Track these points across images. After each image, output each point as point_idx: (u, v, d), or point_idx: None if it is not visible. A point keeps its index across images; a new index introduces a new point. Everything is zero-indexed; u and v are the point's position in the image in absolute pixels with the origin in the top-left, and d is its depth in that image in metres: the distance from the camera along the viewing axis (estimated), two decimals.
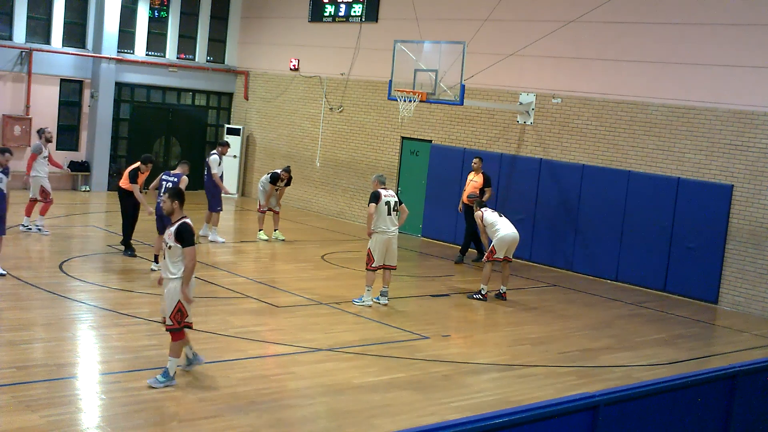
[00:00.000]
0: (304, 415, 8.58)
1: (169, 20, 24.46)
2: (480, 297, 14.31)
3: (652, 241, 16.49)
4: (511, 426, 5.22)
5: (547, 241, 18.07)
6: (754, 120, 15.35)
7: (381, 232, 13.16)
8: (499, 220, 14.40)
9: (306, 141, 23.42)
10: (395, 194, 13.51)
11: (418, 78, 17.21)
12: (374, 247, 13.15)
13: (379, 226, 13.13)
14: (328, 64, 22.72)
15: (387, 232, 13.19)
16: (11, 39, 21.76)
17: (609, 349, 12.14)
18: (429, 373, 10.23)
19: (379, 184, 13.41)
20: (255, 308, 12.58)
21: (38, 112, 22.08)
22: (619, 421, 6.14)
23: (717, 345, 13.26)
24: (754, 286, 15.34)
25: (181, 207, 9.05)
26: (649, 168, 16.65)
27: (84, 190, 22.79)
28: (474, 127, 19.49)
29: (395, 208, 13.29)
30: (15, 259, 14.33)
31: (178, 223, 8.94)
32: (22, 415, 7.79)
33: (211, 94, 25.57)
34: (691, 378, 6.95)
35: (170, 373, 8.89)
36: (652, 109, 16.66)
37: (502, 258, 14.29)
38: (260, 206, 18.11)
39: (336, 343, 11.13)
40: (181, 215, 9.03)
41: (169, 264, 8.94)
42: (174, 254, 8.88)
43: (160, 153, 24.67)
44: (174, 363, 8.92)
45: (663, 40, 16.59)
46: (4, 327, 10.48)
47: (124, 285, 12.92)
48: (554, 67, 18.08)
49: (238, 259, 16.58)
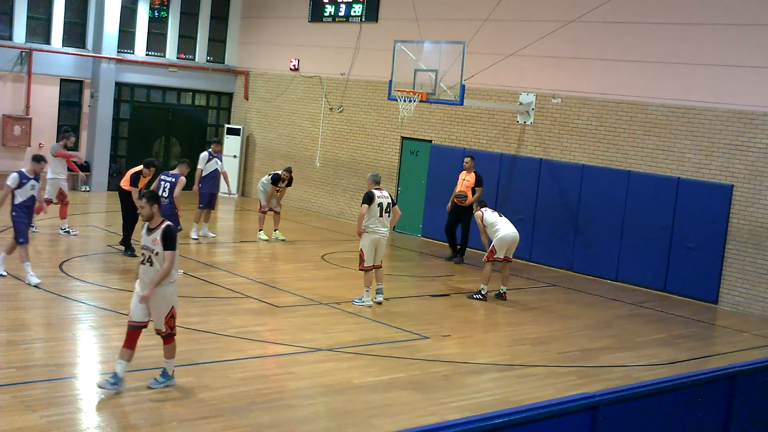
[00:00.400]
0: (304, 415, 8.58)
1: (169, 20, 24.46)
2: (480, 297, 14.31)
3: (652, 241, 16.49)
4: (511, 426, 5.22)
5: (547, 241, 18.07)
6: (754, 120, 15.35)
7: (371, 232, 13.16)
8: (499, 220, 14.40)
9: (306, 141, 23.42)
10: (389, 195, 13.50)
11: (418, 78, 17.22)
12: (365, 247, 13.15)
13: (370, 227, 13.13)
14: (328, 64, 22.73)
15: (377, 233, 13.18)
16: (11, 39, 21.76)
17: (609, 349, 12.14)
18: (429, 373, 10.23)
19: (374, 183, 13.40)
20: (255, 308, 12.58)
21: (38, 112, 22.09)
22: (619, 421, 6.14)
23: (717, 345, 13.26)
24: (754, 286, 15.34)
25: (159, 211, 8.79)
26: (649, 168, 16.65)
27: (84, 190, 22.78)
28: (474, 127, 19.49)
29: (387, 209, 13.28)
30: (15, 260, 14.33)
31: (163, 228, 8.64)
32: (22, 415, 7.79)
33: (211, 94, 25.57)
34: (691, 378, 6.95)
35: (169, 372, 8.86)
36: (652, 109, 16.66)
37: (503, 258, 14.29)
38: (261, 206, 18.12)
39: (336, 343, 11.13)
40: (161, 219, 8.76)
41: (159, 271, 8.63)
42: (161, 260, 8.59)
43: (160, 153, 24.68)
44: (172, 363, 8.89)
45: (663, 40, 16.59)
46: (4, 327, 10.48)
47: (124, 285, 12.91)
48: (554, 67, 18.08)
49: (238, 259, 16.58)
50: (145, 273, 8.69)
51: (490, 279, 14.34)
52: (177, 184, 14.07)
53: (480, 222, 14.51)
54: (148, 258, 8.64)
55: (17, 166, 21.98)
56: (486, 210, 14.61)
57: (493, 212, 14.60)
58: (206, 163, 17.47)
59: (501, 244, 14.19)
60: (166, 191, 14.03)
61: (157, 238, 8.59)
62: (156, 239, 8.59)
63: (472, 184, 17.20)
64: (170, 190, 14.01)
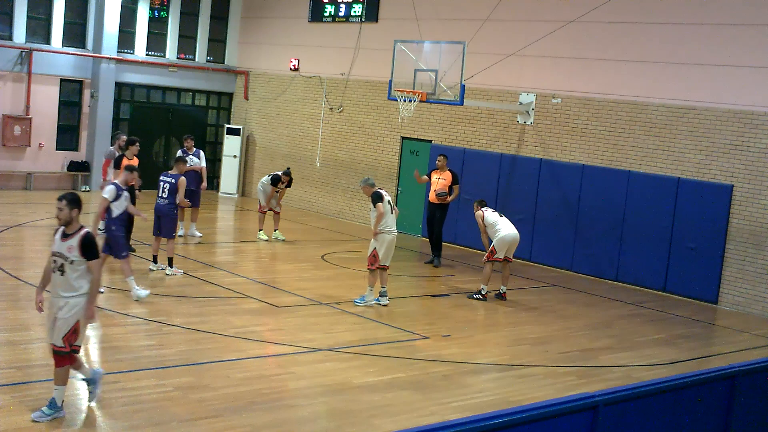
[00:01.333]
0: (304, 415, 8.58)
1: (169, 20, 24.46)
2: (480, 297, 14.31)
3: (652, 241, 16.49)
4: (511, 426, 5.22)
5: (547, 241, 18.07)
6: (754, 120, 15.35)
7: (387, 232, 13.20)
8: (500, 220, 14.39)
9: (306, 141, 23.42)
10: None
11: (418, 78, 17.22)
12: (380, 247, 13.16)
13: (385, 226, 13.17)
14: (328, 64, 22.73)
15: (392, 232, 13.25)
16: (11, 39, 21.77)
17: (609, 349, 12.14)
18: (429, 373, 10.23)
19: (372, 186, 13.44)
20: (255, 308, 12.58)
21: (38, 112, 22.09)
22: (619, 421, 6.14)
23: (717, 345, 13.26)
24: (754, 286, 15.34)
25: (78, 216, 7.96)
26: (649, 168, 16.65)
27: (84, 190, 22.78)
28: (474, 127, 19.49)
29: (393, 206, 13.39)
30: (15, 259, 14.34)
31: (81, 235, 7.81)
32: (22, 415, 7.79)
33: (211, 94, 25.57)
34: (691, 378, 6.95)
35: (58, 402, 7.82)
36: (652, 109, 16.66)
37: (503, 258, 14.29)
38: (261, 207, 18.12)
39: (336, 343, 11.13)
40: (79, 225, 7.94)
41: (71, 280, 7.78)
42: (75, 269, 7.79)
43: (160, 153, 24.69)
44: (62, 392, 7.84)
45: (663, 40, 16.59)
46: (4, 327, 10.48)
47: (123, 285, 12.90)
48: (554, 67, 18.08)
49: (238, 259, 16.58)
50: (54, 283, 7.88)
51: (490, 279, 14.34)
52: (179, 185, 14.02)
53: (480, 222, 14.50)
54: (60, 266, 7.80)
55: (17, 166, 22.04)
56: (486, 210, 14.60)
57: (493, 212, 14.59)
58: None
59: (501, 244, 14.19)
60: (165, 192, 14.01)
61: (73, 245, 7.78)
62: (72, 246, 7.78)
63: (449, 182, 17.08)
64: (170, 190, 13.99)
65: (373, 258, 13.18)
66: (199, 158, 17.47)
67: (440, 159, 17.27)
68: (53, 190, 22.13)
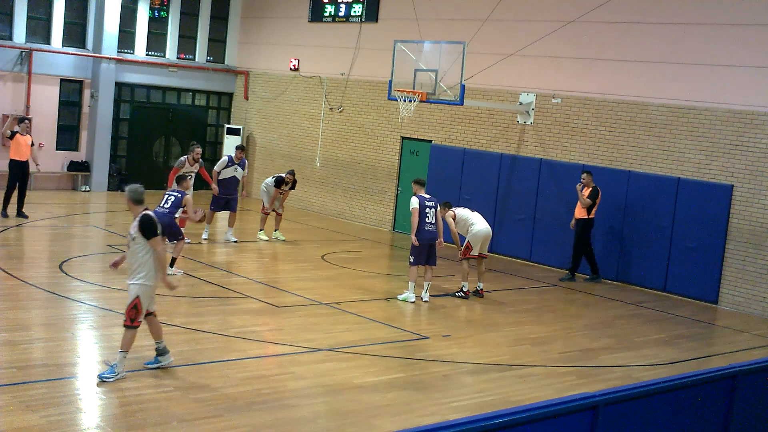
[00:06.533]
0: (304, 415, 8.58)
1: (169, 20, 24.46)
2: (462, 294, 14.36)
3: (652, 241, 16.49)
4: (511, 426, 5.21)
5: (547, 241, 18.06)
6: (754, 120, 15.35)
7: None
8: (472, 215, 14.46)
9: (306, 141, 23.42)
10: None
11: (418, 78, 17.21)
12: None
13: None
14: (328, 64, 22.72)
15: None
16: (11, 39, 21.76)
17: (609, 349, 12.14)
18: (429, 373, 10.23)
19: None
20: (255, 308, 12.58)
21: (38, 112, 22.09)
22: (619, 421, 6.13)
23: (717, 345, 13.26)
24: (754, 286, 15.34)
25: None
26: (649, 168, 16.65)
27: (84, 190, 22.78)
28: (474, 127, 19.49)
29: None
30: (15, 259, 14.34)
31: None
32: (22, 415, 7.79)
33: (211, 94, 25.57)
34: (691, 378, 6.94)
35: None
36: (652, 109, 16.66)
37: (478, 255, 14.33)
38: (264, 208, 18.14)
39: (336, 343, 11.13)
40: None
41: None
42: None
43: (160, 153, 24.68)
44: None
45: (663, 40, 16.59)
46: (4, 327, 10.48)
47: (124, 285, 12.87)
48: (554, 67, 18.08)
49: (238, 259, 16.58)
50: None
51: (469, 275, 14.39)
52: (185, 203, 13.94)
53: (451, 221, 14.44)
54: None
55: None
56: (456, 208, 14.62)
57: (464, 209, 14.64)
58: (224, 168, 17.44)
59: (475, 240, 14.24)
60: (169, 203, 13.97)
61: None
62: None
63: None
64: (173, 204, 13.93)
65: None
66: (244, 168, 17.78)
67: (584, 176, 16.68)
68: (53, 190, 22.14)
